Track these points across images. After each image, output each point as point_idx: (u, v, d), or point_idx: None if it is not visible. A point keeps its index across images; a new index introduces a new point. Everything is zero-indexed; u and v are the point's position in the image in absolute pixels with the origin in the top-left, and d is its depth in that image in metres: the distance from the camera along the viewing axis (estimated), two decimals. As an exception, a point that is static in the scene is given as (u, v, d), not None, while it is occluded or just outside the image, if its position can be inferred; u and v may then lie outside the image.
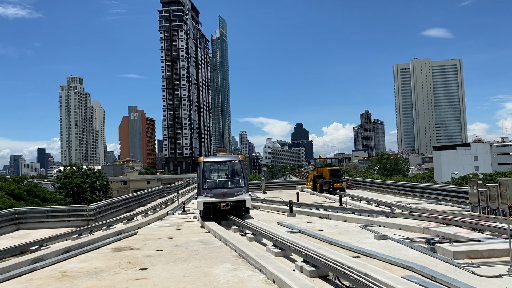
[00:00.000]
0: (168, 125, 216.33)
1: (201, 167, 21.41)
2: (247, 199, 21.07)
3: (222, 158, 24.02)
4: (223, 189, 20.93)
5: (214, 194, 20.77)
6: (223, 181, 21.67)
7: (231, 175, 22.31)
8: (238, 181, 21.50)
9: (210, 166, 22.56)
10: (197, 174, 22.17)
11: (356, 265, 10.52)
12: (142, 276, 11.48)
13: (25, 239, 18.93)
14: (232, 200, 20.84)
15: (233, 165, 22.59)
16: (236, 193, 20.83)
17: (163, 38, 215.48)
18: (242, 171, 21.79)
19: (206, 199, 20.85)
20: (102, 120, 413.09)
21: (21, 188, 52.84)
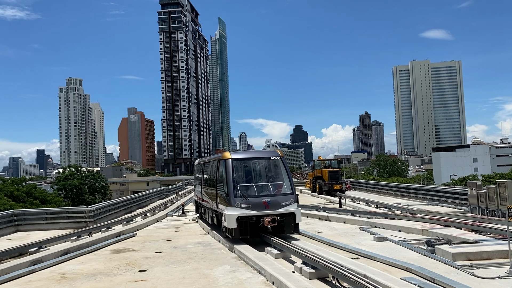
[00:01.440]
0: (167, 127, 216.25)
1: (228, 167, 15.57)
2: (296, 212, 15.25)
3: (257, 154, 17.37)
4: (264, 198, 15.03)
5: (253, 205, 14.77)
6: (262, 185, 15.69)
7: (271, 178, 16.25)
8: (282, 185, 15.72)
9: (240, 165, 16.21)
10: (217, 176, 16.86)
11: (356, 267, 10.52)
12: (141, 277, 11.47)
13: (24, 240, 18.90)
14: (278, 214, 14.94)
15: (273, 163, 16.56)
16: (282, 203, 15.07)
17: (162, 40, 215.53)
18: (285, 172, 16.06)
19: (240, 212, 14.70)
20: (101, 122, 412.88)
21: (20, 189, 52.68)
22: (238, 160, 16.17)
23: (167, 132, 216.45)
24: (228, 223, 14.77)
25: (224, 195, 15.45)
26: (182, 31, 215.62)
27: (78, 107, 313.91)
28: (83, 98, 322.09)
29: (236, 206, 14.78)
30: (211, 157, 19.81)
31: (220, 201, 16.10)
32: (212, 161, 18.81)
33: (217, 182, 16.77)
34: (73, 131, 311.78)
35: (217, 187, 16.58)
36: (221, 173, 16.09)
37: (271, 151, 17.52)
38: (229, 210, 14.93)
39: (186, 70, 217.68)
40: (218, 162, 16.93)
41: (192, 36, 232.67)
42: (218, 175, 16.62)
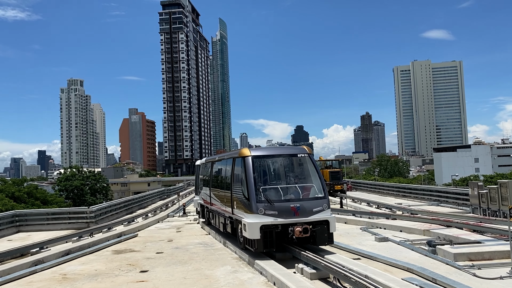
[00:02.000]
0: (168, 127, 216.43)
1: (248, 166, 13.25)
2: (330, 220, 12.89)
3: (281, 151, 15.08)
4: (292, 202, 12.65)
5: (279, 211, 12.43)
6: (289, 188, 13.31)
7: (298, 178, 13.95)
8: (312, 187, 13.34)
9: (262, 163, 13.81)
10: (233, 176, 14.46)
11: (357, 267, 10.52)
12: (142, 278, 11.47)
13: (26, 241, 18.91)
14: (309, 222, 12.58)
15: (300, 161, 14.24)
16: (314, 209, 12.75)
17: (163, 40, 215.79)
18: (315, 171, 13.72)
19: (264, 219, 12.36)
20: (102, 122, 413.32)
21: (21, 190, 52.74)
22: (259, 158, 13.71)
23: (168, 132, 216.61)
24: (250, 233, 12.35)
25: (243, 200, 13.03)
26: (183, 31, 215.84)
27: (79, 108, 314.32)
28: (84, 98, 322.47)
29: (259, 212, 12.39)
30: (223, 155, 17.25)
31: (237, 206, 13.71)
32: (225, 159, 16.31)
33: (232, 184, 14.34)
34: (74, 131, 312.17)
35: (233, 190, 14.19)
36: (239, 173, 13.81)
37: (297, 147, 14.87)
38: (250, 217, 12.52)
39: (187, 71, 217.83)
40: (233, 160, 14.59)
41: (193, 36, 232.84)
42: (234, 176, 14.25)
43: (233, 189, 14.22)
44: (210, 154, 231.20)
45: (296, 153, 14.28)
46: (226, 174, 15.56)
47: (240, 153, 13.97)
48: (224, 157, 16.80)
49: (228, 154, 16.23)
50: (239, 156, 13.95)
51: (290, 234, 12.45)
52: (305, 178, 13.74)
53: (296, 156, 14.24)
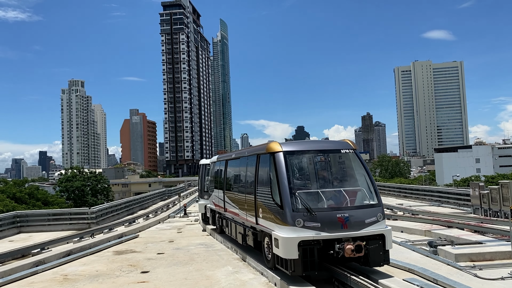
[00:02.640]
0: (169, 128, 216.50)
1: (280, 164, 10.57)
2: (387, 233, 10.23)
3: (320, 145, 11.89)
4: (339, 212, 10.01)
5: (322, 223, 9.80)
6: (334, 193, 10.61)
7: (343, 180, 11.09)
8: (361, 192, 10.65)
9: (297, 161, 11.15)
10: (257, 177, 11.77)
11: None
12: (143, 279, 11.47)
13: (27, 242, 18.93)
14: (362, 236, 9.97)
15: (343, 159, 11.43)
16: (366, 220, 10.11)
17: (164, 41, 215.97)
18: (364, 171, 11.01)
19: (304, 233, 9.72)
20: (103, 123, 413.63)
21: (22, 191, 52.81)
22: (293, 154, 10.97)
23: (169, 133, 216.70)
24: (284, 251, 9.70)
25: (274, 207, 10.37)
26: (184, 32, 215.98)
27: (80, 109, 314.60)
28: (85, 99, 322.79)
29: (297, 224, 9.68)
30: (242, 151, 14.48)
31: (265, 215, 10.99)
32: (245, 157, 13.50)
33: (257, 187, 11.64)
34: (75, 132, 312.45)
35: (258, 194, 11.53)
36: (266, 173, 11.14)
37: (339, 141, 12.04)
38: (284, 230, 9.81)
39: (188, 72, 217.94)
40: (258, 157, 11.95)
41: (193, 37, 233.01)
42: (259, 177, 11.61)
43: (258, 193, 11.52)
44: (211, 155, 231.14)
45: (339, 149, 11.31)
46: (248, 175, 12.80)
47: (268, 148, 11.11)
48: (243, 154, 13.85)
49: (250, 150, 13.42)
50: (266, 152, 11.15)
51: (337, 253, 9.72)
52: (351, 180, 10.98)
53: (339, 152, 11.29)
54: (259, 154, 11.87)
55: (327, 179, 11.07)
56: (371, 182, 10.86)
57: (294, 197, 10.02)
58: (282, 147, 10.87)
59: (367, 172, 11.01)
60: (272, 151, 10.88)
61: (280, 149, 10.81)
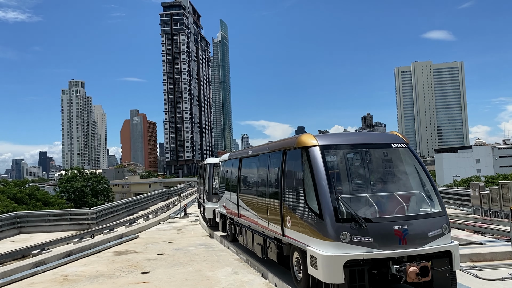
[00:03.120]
0: (169, 129, 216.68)
1: (317, 161, 8.48)
2: (454, 250, 8.25)
3: (363, 139, 9.82)
4: (395, 223, 7.89)
5: (375, 237, 7.72)
6: (386, 198, 8.52)
7: (395, 182, 8.89)
8: (419, 197, 8.61)
9: (337, 157, 9.12)
10: (282, 178, 9.74)
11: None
12: (143, 279, 11.47)
13: (27, 242, 18.94)
14: (424, 254, 7.89)
15: (395, 156, 9.23)
16: (429, 233, 8.10)
17: (164, 42, 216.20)
18: (422, 171, 8.93)
19: (352, 250, 7.67)
20: (103, 124, 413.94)
21: (22, 192, 52.82)
22: (332, 149, 8.79)
23: (169, 134, 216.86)
24: (326, 273, 7.60)
25: (310, 215, 8.22)
26: (184, 33, 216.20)
27: (80, 109, 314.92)
28: (86, 100, 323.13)
29: (342, 239, 7.56)
30: (261, 147, 12.24)
31: (295, 225, 8.85)
32: (266, 154, 11.15)
33: (283, 189, 9.51)
34: (75, 133, 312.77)
35: (285, 198, 9.37)
36: (297, 172, 9.06)
37: (386, 134, 9.79)
38: (325, 246, 7.70)
39: (188, 72, 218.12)
40: (284, 153, 9.84)
41: (194, 38, 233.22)
42: (287, 177, 9.52)
43: (286, 197, 9.37)
44: (211, 155, 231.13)
45: (389, 142, 9.12)
46: (270, 175, 10.70)
47: (300, 141, 8.97)
48: (263, 150, 11.50)
49: (272, 146, 11.04)
50: (296, 147, 9.06)
51: (392, 276, 7.67)
52: (406, 182, 8.75)
53: (389, 146, 9.08)
54: (286, 149, 9.78)
55: (376, 181, 9.04)
56: (431, 184, 8.73)
57: (337, 203, 7.83)
58: (318, 140, 8.69)
59: (425, 172, 8.87)
60: (305, 145, 8.71)
61: (316, 143, 8.63)
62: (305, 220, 8.39)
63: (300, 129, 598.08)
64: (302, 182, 8.67)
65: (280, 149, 10.20)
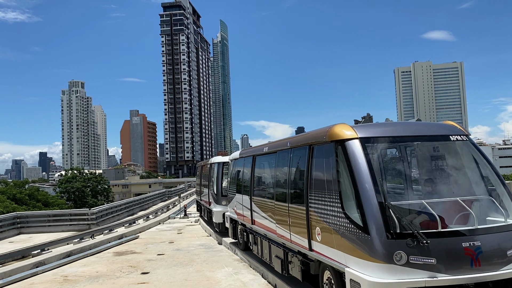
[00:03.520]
0: (169, 129, 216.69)
1: (356, 157, 6.57)
2: None
3: (414, 130, 7.17)
4: (465, 238, 5.85)
5: (439, 258, 5.69)
6: (448, 205, 6.37)
7: (457, 185, 6.71)
8: (491, 203, 6.53)
9: (380, 153, 7.02)
10: (309, 179, 7.89)
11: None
12: (143, 280, 11.47)
13: (27, 243, 18.95)
14: (504, 278, 5.82)
15: (454, 150, 7.17)
16: (508, 251, 5.94)
17: (164, 42, 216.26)
18: (488, 169, 6.97)
19: (410, 275, 5.68)
20: (103, 124, 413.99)
21: (22, 192, 52.87)
22: (375, 143, 6.88)
23: (169, 134, 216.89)
24: None
25: (349, 227, 6.49)
26: (184, 33, 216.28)
27: (80, 110, 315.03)
28: (85, 100, 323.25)
29: (396, 260, 5.79)
30: (281, 142, 10.24)
31: (327, 238, 7.10)
32: (288, 150, 9.20)
33: (311, 193, 7.69)
34: (75, 133, 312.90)
35: (314, 204, 7.55)
36: (329, 172, 7.11)
37: (442, 124, 7.66)
38: (373, 269, 5.96)
39: (188, 72, 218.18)
40: (311, 149, 7.92)
41: (194, 38, 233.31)
42: (315, 178, 7.65)
43: (313, 203, 7.54)
44: (211, 156, 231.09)
45: (447, 134, 7.15)
46: (292, 175, 8.85)
47: (332, 133, 7.04)
48: (283, 146, 9.64)
49: (295, 140, 9.05)
50: (329, 141, 7.12)
51: None
52: (470, 184, 6.85)
53: (447, 139, 7.09)
54: (313, 144, 7.83)
55: (432, 183, 6.89)
56: (503, 185, 6.74)
57: (386, 212, 6.02)
58: (357, 132, 6.76)
59: (494, 170, 6.96)
60: (341, 138, 6.79)
61: (354, 135, 6.72)
62: (342, 233, 6.54)
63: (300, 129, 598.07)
64: (337, 185, 6.77)
65: (305, 144, 8.23)
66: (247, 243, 13.28)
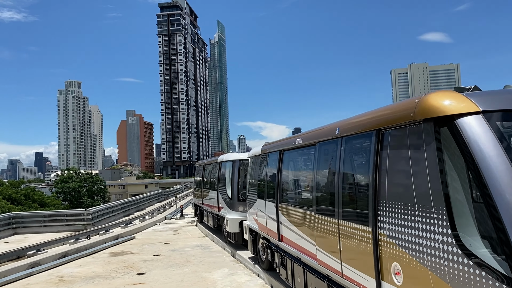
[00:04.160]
0: (166, 129, 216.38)
1: (481, 149, 3.62)
2: None
3: None
4: None
5: None
6: None
7: None
8: None
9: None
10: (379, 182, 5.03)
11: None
12: (139, 281, 11.44)
13: (22, 243, 18.87)
14: None
15: None
16: None
17: (161, 43, 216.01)
18: None
19: None
20: (100, 124, 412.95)
21: (18, 192, 52.67)
22: (505, 120, 3.96)
23: (166, 134, 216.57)
24: None
25: (478, 272, 3.46)
26: (181, 34, 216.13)
27: (76, 110, 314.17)
28: (82, 100, 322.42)
29: None
30: (324, 130, 7.25)
31: (413, 280, 4.38)
32: (337, 139, 6.42)
33: (381, 205, 5.00)
34: (71, 133, 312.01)
35: (389, 225, 4.83)
36: (422, 171, 4.28)
37: None
38: None
39: (185, 73, 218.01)
40: (379, 136, 5.19)
41: (191, 39, 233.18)
42: (388, 181, 4.93)
43: (389, 221, 4.87)
44: (208, 156, 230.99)
45: None
46: (346, 176, 6.20)
47: (428, 106, 4.29)
48: (329, 135, 6.79)
49: (349, 124, 6.26)
50: (420, 120, 4.37)
51: None
52: None
53: None
54: (386, 127, 5.08)
55: None
56: None
57: None
58: (476, 102, 4.03)
59: None
60: (446, 114, 4.10)
61: (474, 107, 4.01)
62: (452, 279, 3.81)
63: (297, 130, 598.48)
64: (439, 194, 4.05)
65: (369, 128, 5.42)
66: (272, 263, 10.42)
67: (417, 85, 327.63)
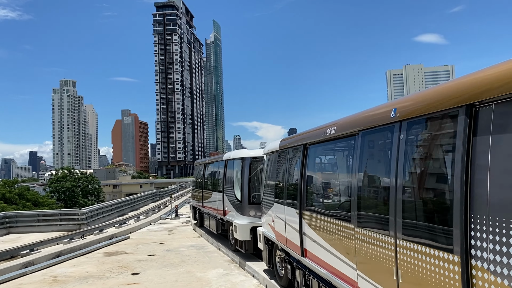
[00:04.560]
0: (161, 129, 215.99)
1: None
2: None
3: None
4: None
5: None
6: None
7: None
8: None
9: None
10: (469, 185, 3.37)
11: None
12: (134, 281, 11.40)
13: (16, 243, 18.76)
14: None
15: None
16: None
17: (157, 42, 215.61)
18: None
19: None
20: (95, 124, 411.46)
21: (12, 191, 52.37)
22: None
23: (161, 134, 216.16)
24: None
25: None
26: (177, 33, 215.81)
27: (71, 109, 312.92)
28: (77, 99, 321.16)
29: None
30: (367, 115, 5.50)
31: None
32: (389, 126, 4.74)
33: (471, 223, 3.32)
34: (66, 132, 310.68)
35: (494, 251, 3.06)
36: None
37: None
38: None
39: (181, 73, 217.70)
40: (471, 117, 3.45)
41: (187, 38, 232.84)
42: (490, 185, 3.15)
43: (489, 247, 3.14)
44: (203, 156, 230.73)
45: None
46: (412, 177, 4.38)
47: None
48: (383, 120, 4.89)
49: (415, 102, 4.40)
50: None
51: None
52: None
53: None
54: (475, 104, 3.48)
55: None
56: None
57: None
58: None
59: None
60: None
61: None
62: None
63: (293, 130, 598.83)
64: None
65: (453, 105, 3.72)
66: (292, 281, 8.64)
67: (412, 86, 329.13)
